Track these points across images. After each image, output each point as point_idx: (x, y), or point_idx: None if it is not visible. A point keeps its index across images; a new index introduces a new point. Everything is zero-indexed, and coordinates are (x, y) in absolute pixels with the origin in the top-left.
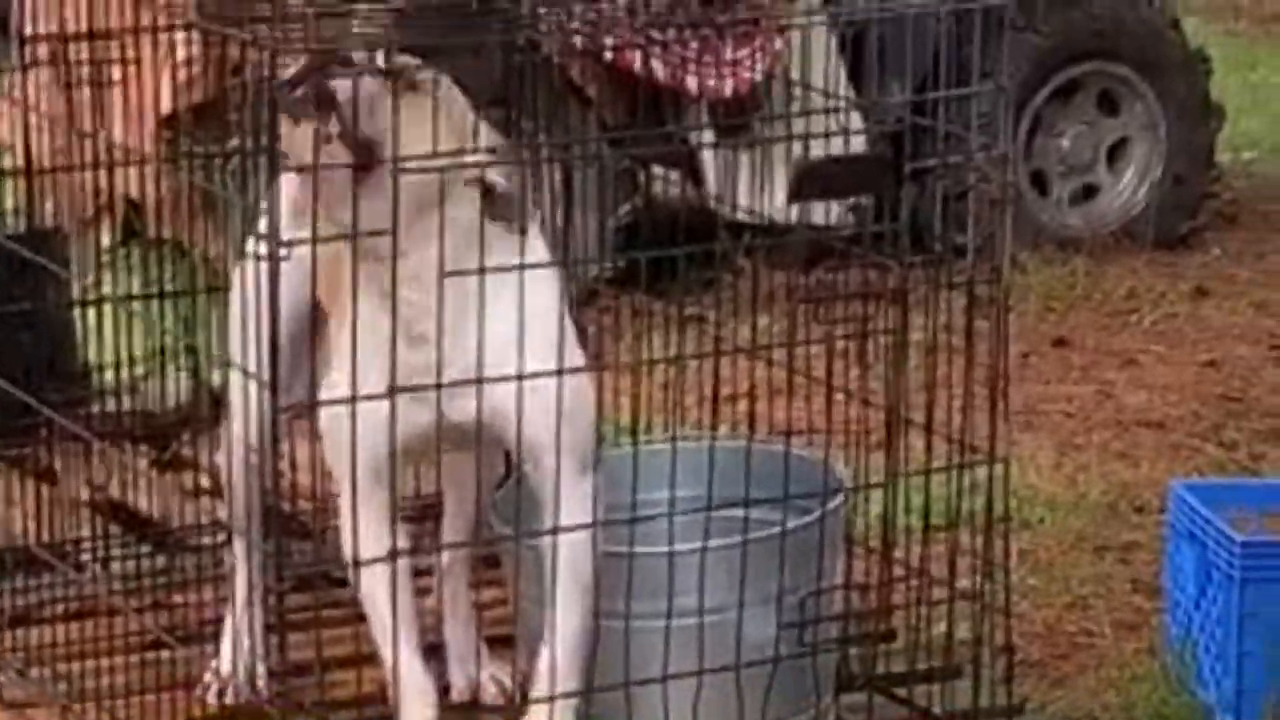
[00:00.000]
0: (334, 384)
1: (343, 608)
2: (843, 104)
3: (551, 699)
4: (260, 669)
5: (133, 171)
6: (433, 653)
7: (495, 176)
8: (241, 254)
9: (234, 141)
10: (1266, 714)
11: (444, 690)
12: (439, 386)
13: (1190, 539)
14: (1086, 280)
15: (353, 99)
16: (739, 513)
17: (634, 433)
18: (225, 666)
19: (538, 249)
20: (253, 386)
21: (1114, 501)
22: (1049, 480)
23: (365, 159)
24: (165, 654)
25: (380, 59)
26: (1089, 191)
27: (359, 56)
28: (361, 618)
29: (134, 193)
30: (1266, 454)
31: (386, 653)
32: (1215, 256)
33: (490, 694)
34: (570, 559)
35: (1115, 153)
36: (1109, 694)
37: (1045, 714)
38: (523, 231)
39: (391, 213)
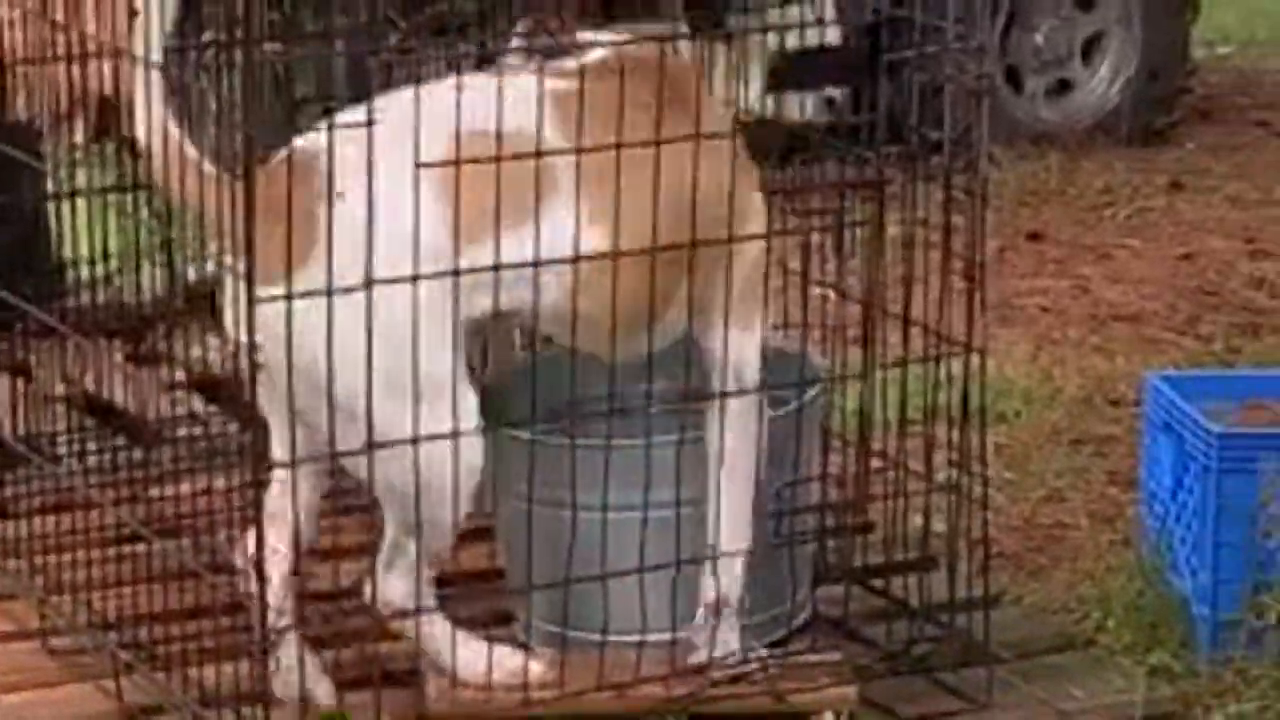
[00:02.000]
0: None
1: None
2: None
3: None
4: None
5: (106, 65)
6: None
7: None
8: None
9: (208, 35)
10: (1243, 604)
11: None
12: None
13: (1166, 430)
14: (1061, 175)
15: None
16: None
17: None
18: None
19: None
20: None
21: (1089, 394)
22: (1024, 374)
23: None
24: (141, 547)
25: None
26: (1064, 86)
27: None
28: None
29: (108, 88)
30: (1242, 346)
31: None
32: (1190, 151)
33: None
34: None
35: (1090, 47)
36: (1085, 586)
37: (1021, 606)
38: None
39: None
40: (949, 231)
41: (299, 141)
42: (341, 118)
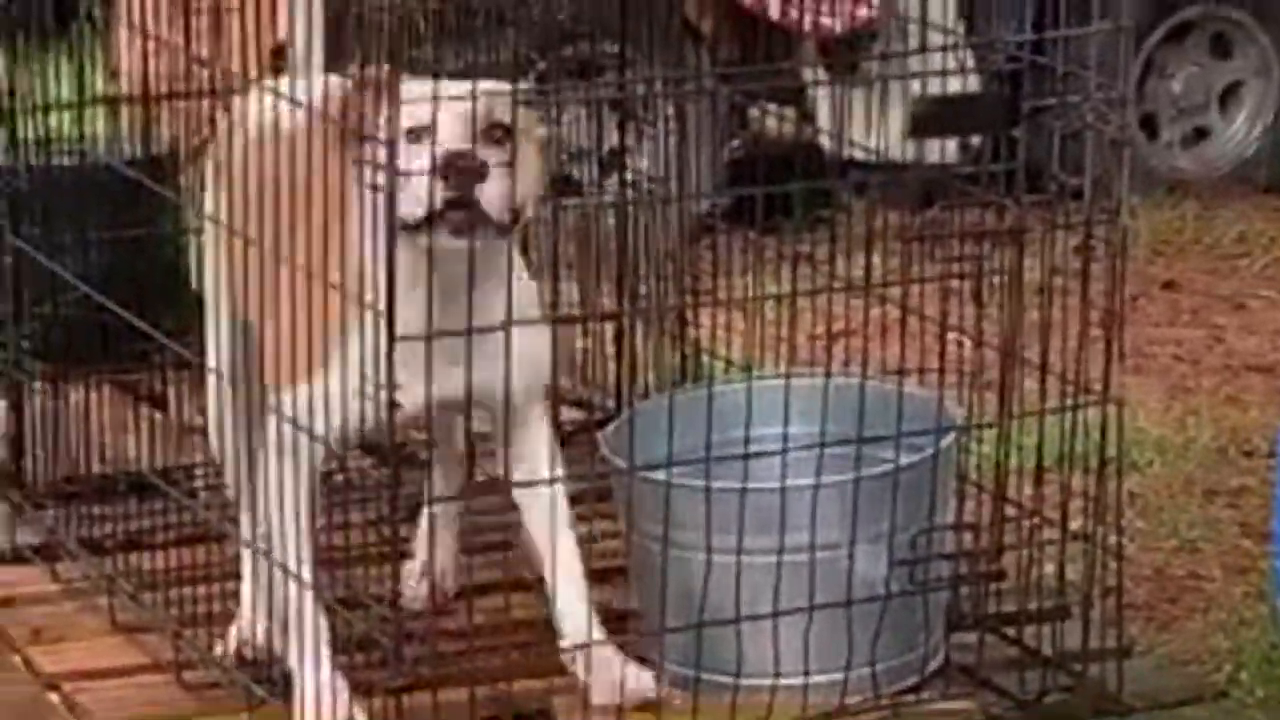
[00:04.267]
0: None
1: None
2: (959, 42)
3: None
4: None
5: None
6: None
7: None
8: None
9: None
10: None
11: None
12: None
13: None
14: (1196, 224)
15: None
16: (851, 450)
17: (748, 369)
18: (244, 628)
19: None
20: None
21: (1223, 445)
22: (1158, 423)
23: None
24: None
25: None
26: (1200, 135)
27: None
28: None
29: None
30: None
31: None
32: None
33: None
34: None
35: (1227, 96)
36: (1217, 638)
37: (1153, 656)
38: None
39: None
40: (1087, 280)
41: None
42: None
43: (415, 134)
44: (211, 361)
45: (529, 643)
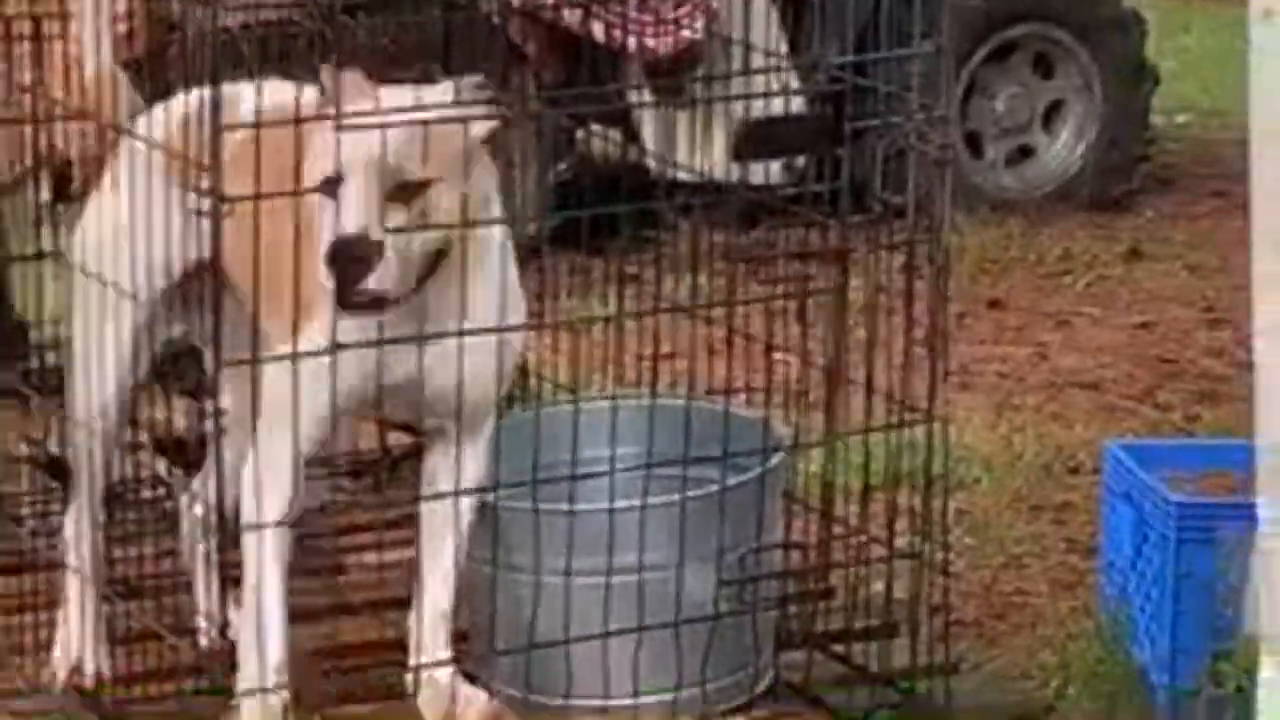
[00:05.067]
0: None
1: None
2: (782, 63)
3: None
4: (92, 650)
5: (70, 127)
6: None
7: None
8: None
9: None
10: (1201, 674)
11: None
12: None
13: (1126, 499)
14: (1021, 241)
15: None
16: (679, 470)
17: (574, 391)
18: (60, 642)
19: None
20: (106, 360)
21: (1049, 462)
22: (985, 440)
23: None
24: (105, 608)
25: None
26: (1024, 153)
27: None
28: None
29: (72, 150)
30: (1200, 415)
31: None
32: (1149, 219)
33: None
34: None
35: (1050, 115)
36: (1045, 653)
37: (981, 673)
38: None
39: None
40: (911, 298)
41: None
42: None
43: (328, 186)
44: (82, 410)
45: (358, 666)
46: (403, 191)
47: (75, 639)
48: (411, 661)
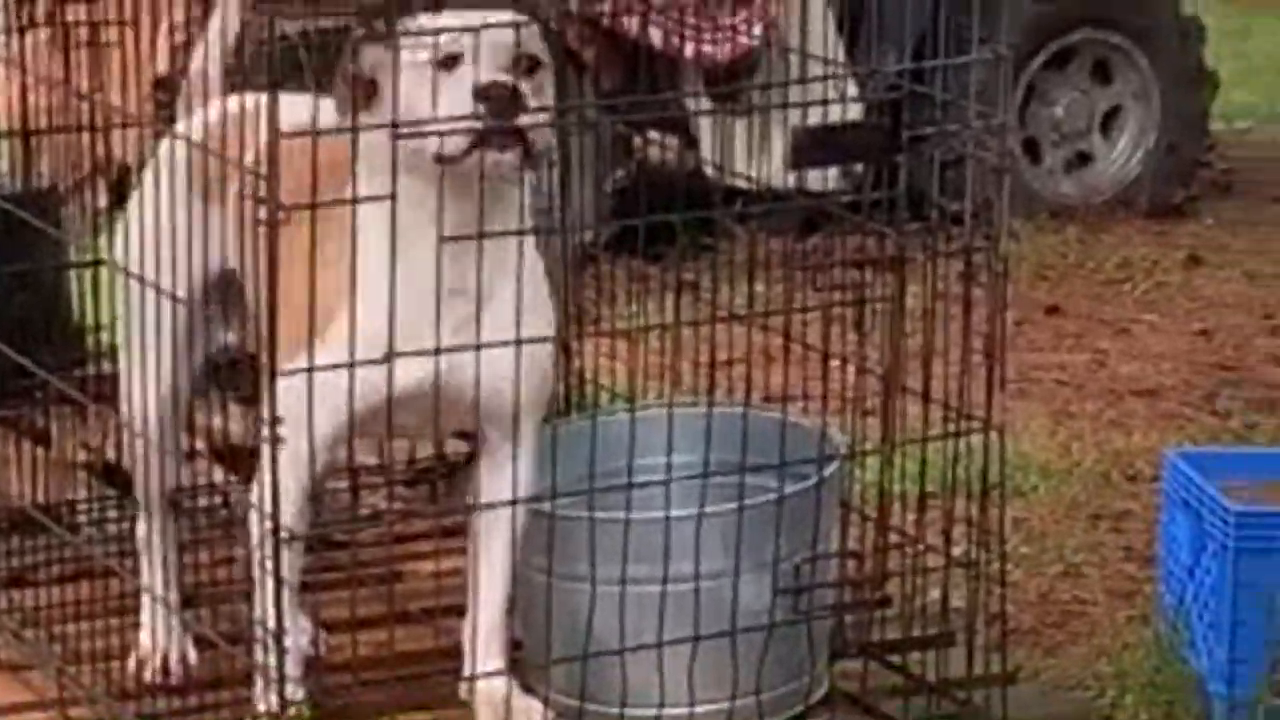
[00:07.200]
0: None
1: (340, 570)
2: (840, 71)
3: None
4: (177, 649)
5: (128, 134)
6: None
7: None
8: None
9: None
10: (1259, 683)
11: None
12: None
13: (1184, 508)
14: (1079, 248)
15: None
16: (735, 479)
17: (630, 398)
18: (145, 646)
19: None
20: (149, 366)
21: (1107, 470)
22: (1042, 448)
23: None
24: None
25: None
26: (1083, 159)
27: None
28: (361, 581)
29: (129, 156)
30: (1259, 423)
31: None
32: (1208, 225)
33: None
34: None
35: (1109, 121)
36: (1101, 662)
37: (1038, 682)
38: None
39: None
40: (969, 306)
41: None
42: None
43: (447, 63)
44: (141, 410)
45: (415, 675)
46: (525, 60)
47: (160, 646)
48: (466, 670)
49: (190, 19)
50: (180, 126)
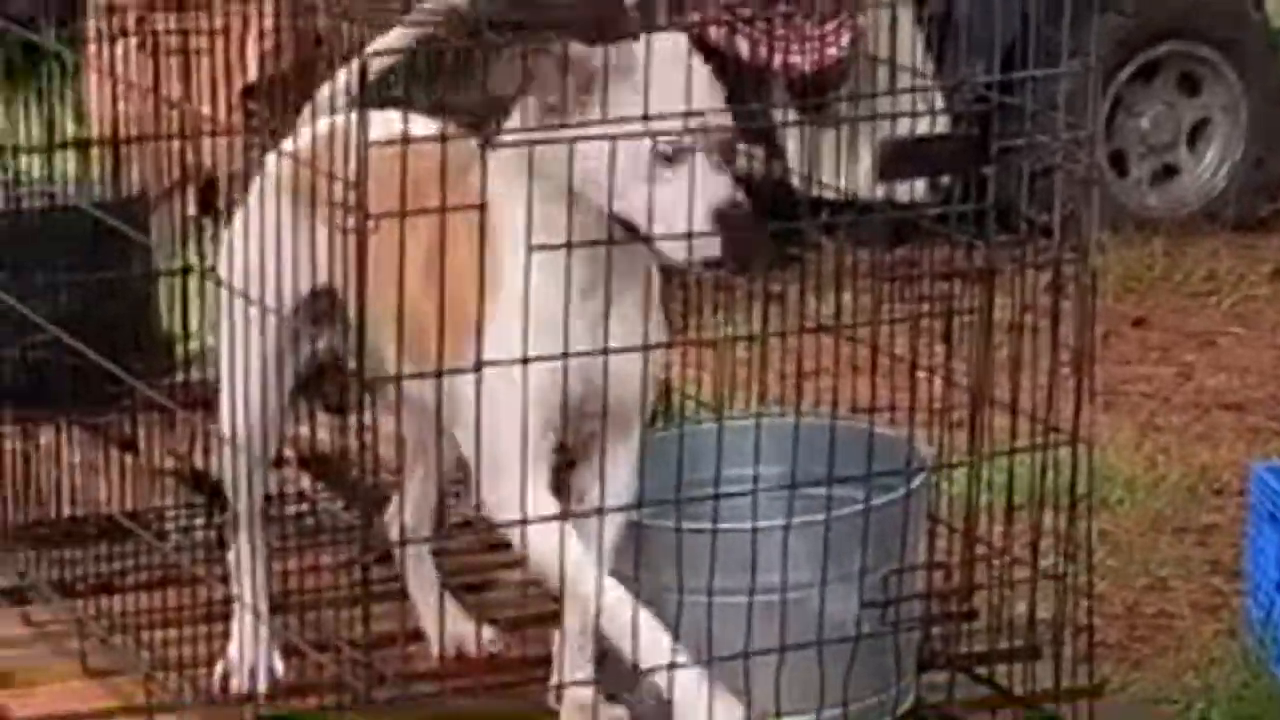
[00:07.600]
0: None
1: None
2: (928, 82)
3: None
4: (266, 660)
5: (217, 142)
6: None
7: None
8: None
9: None
10: None
11: None
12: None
13: (1272, 521)
14: (1165, 261)
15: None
16: (822, 490)
17: (717, 409)
18: (234, 656)
19: None
20: (251, 381)
21: (1193, 483)
22: (1128, 461)
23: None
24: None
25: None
26: (1169, 172)
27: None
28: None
29: (218, 165)
30: None
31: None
32: None
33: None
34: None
35: (1196, 134)
36: (1188, 676)
37: (1125, 695)
38: None
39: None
40: (1057, 319)
41: None
42: None
43: (671, 158)
44: (239, 422)
45: (503, 683)
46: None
47: (248, 655)
48: (554, 679)
49: (279, 25)
50: (303, 131)
